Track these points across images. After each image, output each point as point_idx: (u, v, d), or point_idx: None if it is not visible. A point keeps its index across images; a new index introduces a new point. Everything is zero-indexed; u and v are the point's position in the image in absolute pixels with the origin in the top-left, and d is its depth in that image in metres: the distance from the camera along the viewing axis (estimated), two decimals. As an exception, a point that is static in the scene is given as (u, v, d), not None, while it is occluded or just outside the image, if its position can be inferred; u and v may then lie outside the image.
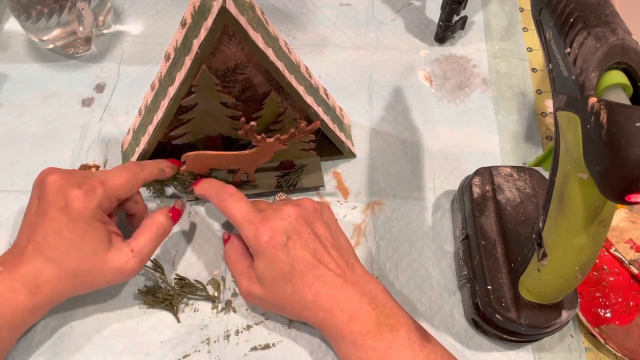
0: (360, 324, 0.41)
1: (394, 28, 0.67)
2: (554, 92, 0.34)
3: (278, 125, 0.51)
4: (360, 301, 0.42)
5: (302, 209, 0.45)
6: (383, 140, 0.59)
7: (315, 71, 0.55)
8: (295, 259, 0.43)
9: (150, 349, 0.47)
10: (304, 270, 0.43)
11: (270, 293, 0.44)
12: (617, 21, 0.31)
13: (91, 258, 0.42)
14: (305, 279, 0.43)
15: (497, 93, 0.62)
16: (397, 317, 0.42)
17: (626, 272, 0.51)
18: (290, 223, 0.44)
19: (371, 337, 0.40)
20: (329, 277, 0.43)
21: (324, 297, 0.42)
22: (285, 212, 0.44)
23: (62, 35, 0.60)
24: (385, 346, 0.40)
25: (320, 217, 0.46)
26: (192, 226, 0.53)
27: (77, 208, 0.41)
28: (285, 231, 0.43)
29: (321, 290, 0.42)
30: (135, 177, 0.46)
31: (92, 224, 0.42)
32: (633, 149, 0.27)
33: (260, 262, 0.44)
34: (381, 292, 0.43)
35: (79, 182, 0.42)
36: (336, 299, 0.42)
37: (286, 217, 0.44)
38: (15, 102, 0.59)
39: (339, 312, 0.42)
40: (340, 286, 0.42)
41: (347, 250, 0.46)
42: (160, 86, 0.48)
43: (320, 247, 0.44)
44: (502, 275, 0.45)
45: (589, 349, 0.49)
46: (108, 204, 0.43)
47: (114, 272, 0.43)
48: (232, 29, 0.41)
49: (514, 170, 0.51)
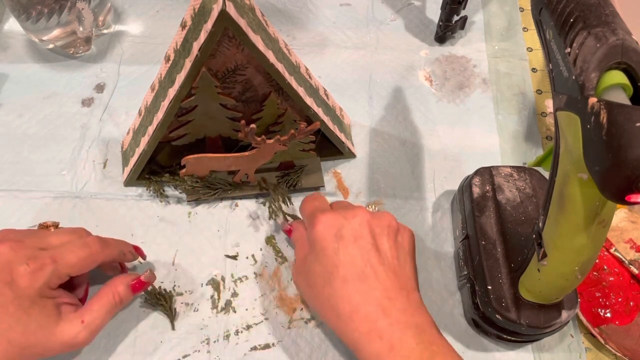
0: (402, 358, 0.37)
1: (394, 28, 0.67)
2: (554, 92, 0.34)
3: (278, 127, 0.51)
4: (404, 333, 0.38)
5: (374, 219, 0.42)
6: (383, 140, 0.59)
7: (315, 71, 0.55)
8: (342, 261, 0.40)
9: (150, 349, 0.47)
10: (348, 277, 0.39)
11: (308, 288, 0.42)
12: (617, 21, 0.31)
13: (38, 332, 0.40)
14: (346, 288, 0.39)
15: (497, 93, 0.62)
16: (444, 357, 0.37)
17: (626, 272, 0.51)
18: (351, 224, 0.41)
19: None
20: (374, 297, 0.39)
21: (362, 316, 0.38)
22: (351, 213, 0.42)
23: (62, 35, 0.60)
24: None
25: (392, 234, 0.42)
26: (192, 226, 0.53)
27: (22, 286, 0.39)
28: (342, 229, 0.41)
29: (361, 307, 0.39)
30: (93, 256, 0.42)
31: (38, 302, 0.40)
32: (633, 149, 0.27)
33: (309, 254, 0.42)
34: (429, 327, 0.39)
35: (28, 257, 0.40)
36: (376, 322, 0.38)
37: (350, 217, 0.41)
38: (15, 102, 0.59)
39: (377, 339, 0.38)
40: (384, 310, 0.38)
41: (408, 278, 0.42)
42: (160, 87, 0.48)
43: (376, 261, 0.40)
44: (502, 275, 0.45)
45: (589, 349, 0.49)
46: (57, 281, 0.41)
47: (62, 346, 0.41)
48: (232, 31, 0.41)
49: (514, 170, 0.51)
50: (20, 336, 0.39)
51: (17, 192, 0.54)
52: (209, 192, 0.53)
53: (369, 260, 0.40)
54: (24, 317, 0.40)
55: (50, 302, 0.41)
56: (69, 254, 0.42)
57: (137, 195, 0.54)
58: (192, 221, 0.53)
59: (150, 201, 0.54)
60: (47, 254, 0.41)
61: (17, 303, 0.39)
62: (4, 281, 0.39)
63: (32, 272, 0.40)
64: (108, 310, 0.43)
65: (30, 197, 0.54)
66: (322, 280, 0.41)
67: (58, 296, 0.42)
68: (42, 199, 0.53)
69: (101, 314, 0.43)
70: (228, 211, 0.54)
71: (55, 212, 0.53)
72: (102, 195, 0.54)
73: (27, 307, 0.40)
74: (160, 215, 0.53)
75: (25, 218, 0.52)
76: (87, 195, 0.54)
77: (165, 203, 0.54)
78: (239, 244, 0.52)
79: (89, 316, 0.42)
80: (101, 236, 0.45)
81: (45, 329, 0.40)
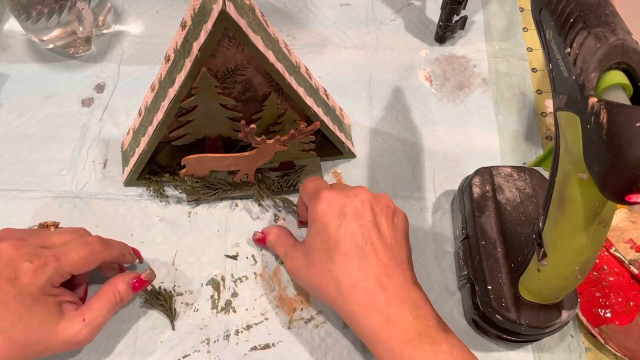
0: (398, 331, 0.38)
1: (394, 28, 0.67)
2: (554, 92, 0.34)
3: (278, 127, 0.51)
4: (401, 307, 0.39)
5: (375, 199, 0.43)
6: (383, 140, 0.59)
7: (315, 71, 0.55)
8: (343, 238, 0.41)
9: (150, 348, 0.47)
10: (348, 253, 0.41)
11: (310, 266, 0.42)
12: (617, 21, 0.31)
13: (40, 330, 0.40)
14: (346, 263, 0.41)
15: (497, 93, 0.62)
16: (438, 331, 0.39)
17: (626, 272, 0.51)
18: (354, 202, 0.42)
19: (409, 347, 0.38)
20: (373, 273, 0.40)
21: (361, 290, 0.40)
22: (353, 192, 0.43)
23: (62, 35, 0.60)
24: (424, 358, 0.37)
25: (390, 215, 0.44)
26: (192, 226, 0.53)
27: (24, 283, 0.40)
28: (344, 207, 0.42)
29: (360, 282, 0.40)
30: (95, 255, 0.43)
31: (40, 299, 0.40)
32: (633, 149, 0.27)
33: (311, 230, 0.43)
34: (424, 303, 0.40)
35: (31, 254, 0.40)
36: (374, 296, 0.39)
37: (352, 196, 0.42)
38: (15, 102, 0.59)
39: (375, 313, 0.39)
40: (382, 285, 0.40)
41: (404, 257, 0.43)
42: (160, 87, 0.48)
43: (376, 239, 0.41)
44: (502, 275, 0.45)
45: (589, 349, 0.49)
46: (59, 279, 0.42)
47: (64, 344, 0.41)
48: (232, 31, 0.41)
49: (514, 170, 0.51)
50: (22, 334, 0.40)
51: (17, 192, 0.54)
52: (209, 192, 0.53)
53: (369, 238, 0.41)
54: (26, 315, 0.40)
55: (52, 300, 0.41)
56: (71, 252, 0.42)
57: (137, 195, 0.54)
58: (192, 221, 0.53)
59: (150, 201, 0.54)
60: (50, 251, 0.41)
61: (19, 300, 0.40)
62: (7, 278, 0.40)
63: (35, 270, 0.40)
64: (109, 308, 0.44)
65: (30, 197, 0.54)
66: (324, 256, 0.42)
67: (60, 294, 0.42)
68: (42, 199, 0.53)
69: (102, 312, 0.43)
70: (228, 211, 0.54)
71: (55, 212, 0.53)
72: (102, 195, 0.54)
73: (29, 304, 0.40)
74: (160, 215, 0.53)
75: (25, 218, 0.52)
76: (87, 195, 0.54)
77: (165, 203, 0.54)
78: (239, 244, 0.52)
79: (90, 314, 0.42)
80: (102, 236, 0.45)
81: (47, 326, 0.41)
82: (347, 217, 0.42)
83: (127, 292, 0.45)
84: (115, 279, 0.45)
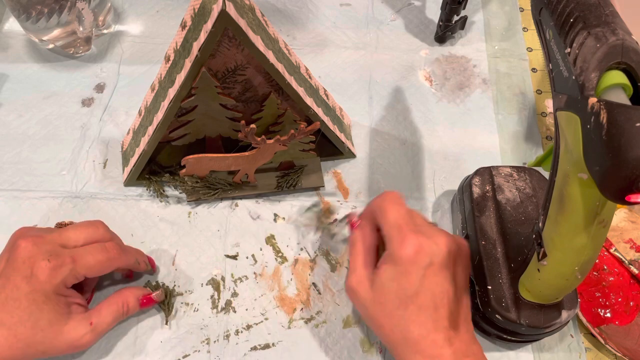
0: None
1: (394, 28, 0.67)
2: (554, 92, 0.34)
3: (278, 127, 0.51)
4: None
5: (457, 247, 0.42)
6: (383, 140, 0.59)
7: (315, 71, 0.55)
8: (424, 290, 0.40)
9: (150, 348, 0.47)
10: (425, 304, 0.40)
11: (377, 304, 0.41)
12: (617, 21, 0.31)
13: (46, 329, 0.41)
14: (421, 315, 0.39)
15: (497, 93, 0.62)
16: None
17: (626, 272, 0.51)
18: (442, 252, 0.40)
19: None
20: (443, 326, 0.40)
21: (429, 342, 0.39)
22: (441, 239, 0.41)
23: (62, 35, 0.60)
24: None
25: (467, 264, 0.44)
26: (192, 226, 0.53)
27: (41, 281, 0.40)
28: (433, 256, 0.40)
29: (430, 334, 0.39)
30: (111, 261, 0.44)
31: (52, 298, 0.41)
32: (633, 149, 0.27)
33: (388, 269, 0.41)
34: (482, 356, 0.41)
35: (50, 253, 0.41)
36: (442, 349, 0.39)
37: (440, 244, 0.41)
38: (15, 102, 0.59)
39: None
40: (449, 339, 0.39)
41: (467, 309, 0.43)
42: (160, 87, 0.48)
43: (451, 293, 0.41)
44: (502, 275, 0.45)
45: (589, 349, 0.49)
46: (73, 280, 0.42)
47: (67, 345, 0.42)
48: (232, 31, 0.41)
49: (514, 170, 0.51)
50: (28, 331, 0.40)
51: (17, 192, 0.54)
52: (209, 192, 0.53)
53: (447, 292, 0.40)
54: (36, 312, 0.40)
55: (63, 300, 0.42)
56: (88, 255, 0.43)
57: (137, 195, 0.54)
58: (192, 221, 0.53)
59: (150, 201, 0.54)
60: (68, 252, 0.42)
61: (31, 297, 0.40)
62: (23, 275, 0.40)
63: (53, 268, 0.41)
64: (115, 317, 0.45)
65: (30, 197, 0.54)
66: (398, 301, 0.40)
67: (70, 295, 0.43)
68: (42, 199, 0.53)
69: (108, 319, 0.44)
70: (228, 211, 0.54)
71: (55, 212, 0.53)
72: (102, 195, 0.54)
73: (40, 302, 0.40)
74: (160, 215, 0.53)
75: (25, 218, 0.52)
76: (87, 195, 0.54)
77: (165, 203, 0.54)
78: (239, 244, 0.52)
79: (97, 319, 0.43)
80: (121, 243, 0.47)
81: (54, 326, 0.41)
82: (433, 268, 0.40)
83: (134, 306, 0.46)
84: (127, 291, 0.46)
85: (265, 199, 0.55)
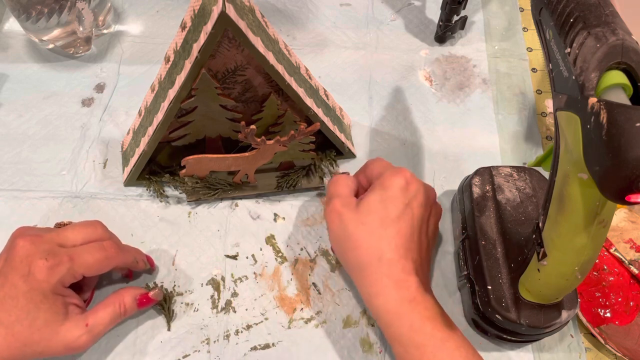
0: (423, 309, 0.42)
1: (394, 28, 0.67)
2: (554, 92, 0.34)
3: (278, 127, 0.51)
4: (426, 290, 0.43)
5: (434, 198, 0.48)
6: (383, 140, 0.59)
7: (315, 71, 0.55)
8: (405, 217, 0.44)
9: (151, 348, 0.47)
10: (403, 231, 0.43)
11: (360, 224, 0.44)
12: (617, 21, 0.31)
13: (43, 329, 0.41)
14: (398, 238, 0.43)
15: (497, 93, 0.62)
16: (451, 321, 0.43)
17: (626, 272, 0.51)
18: (426, 192, 0.46)
19: (430, 324, 0.41)
20: (414, 257, 0.43)
21: (400, 267, 0.42)
22: (425, 184, 0.47)
23: (62, 35, 0.60)
24: (442, 336, 0.40)
25: (438, 219, 0.49)
26: (192, 226, 0.53)
27: (38, 280, 0.40)
28: (418, 192, 0.45)
29: (402, 260, 0.43)
30: (109, 260, 0.44)
31: (50, 297, 0.41)
32: (633, 149, 0.27)
33: (377, 193, 0.44)
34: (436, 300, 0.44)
35: (47, 252, 0.41)
36: (409, 276, 0.42)
37: (425, 186, 0.46)
38: (15, 102, 0.59)
39: (405, 289, 0.42)
40: (417, 270, 0.43)
41: (432, 252, 0.48)
42: (160, 88, 0.48)
43: (424, 231, 0.45)
44: (502, 275, 0.45)
45: (589, 349, 0.49)
46: (71, 279, 0.42)
47: (63, 346, 0.42)
48: (232, 32, 0.41)
49: (514, 170, 0.51)
50: (25, 330, 0.40)
51: (17, 192, 0.54)
52: (209, 192, 0.53)
53: (423, 229, 0.45)
54: (33, 311, 0.40)
55: (60, 300, 0.42)
56: (86, 254, 0.43)
57: (137, 195, 0.54)
58: (192, 221, 0.53)
59: (150, 201, 0.54)
60: (66, 251, 0.42)
61: (29, 296, 0.40)
62: (21, 273, 0.40)
63: (50, 267, 0.41)
64: (112, 318, 0.44)
65: (30, 197, 0.54)
66: (378, 220, 0.43)
67: (68, 295, 0.43)
68: (42, 199, 0.53)
69: (105, 320, 0.44)
70: (228, 211, 0.54)
71: (55, 212, 0.53)
72: (102, 195, 0.54)
73: (38, 301, 0.40)
74: (160, 215, 0.53)
75: (25, 218, 0.52)
76: (87, 195, 0.54)
77: (165, 203, 0.54)
78: (239, 244, 0.52)
79: (93, 320, 0.43)
80: (119, 242, 0.46)
81: (51, 326, 0.41)
82: (417, 201, 0.45)
83: (132, 306, 0.46)
84: (124, 291, 0.46)
85: (265, 199, 0.55)
